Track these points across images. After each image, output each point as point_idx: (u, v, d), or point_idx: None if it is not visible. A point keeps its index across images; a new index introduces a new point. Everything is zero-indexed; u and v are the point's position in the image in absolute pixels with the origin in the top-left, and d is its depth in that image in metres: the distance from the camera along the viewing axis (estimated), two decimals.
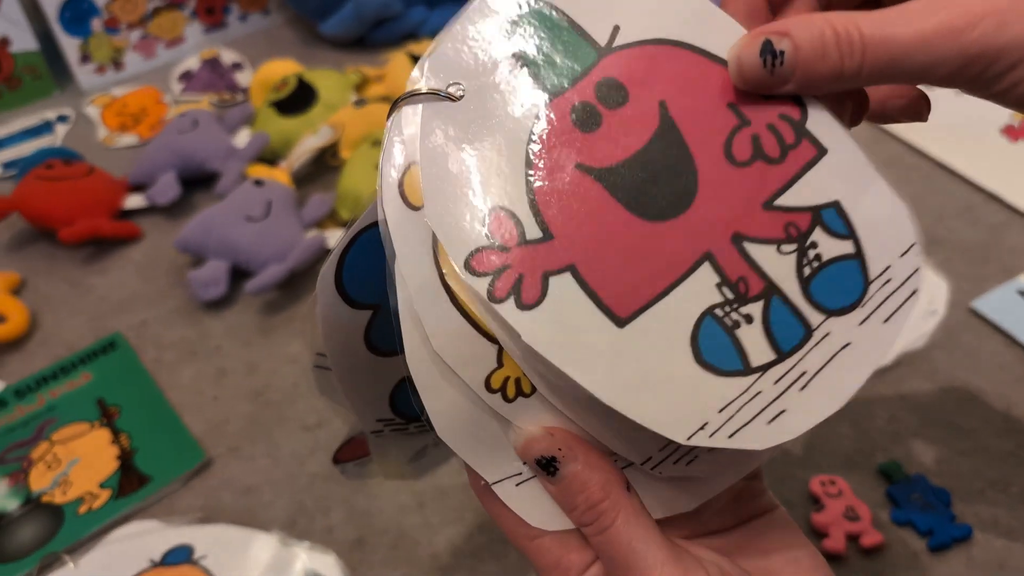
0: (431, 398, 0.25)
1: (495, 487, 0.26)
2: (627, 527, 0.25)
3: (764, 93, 0.26)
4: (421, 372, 0.25)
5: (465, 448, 0.26)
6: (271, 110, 0.72)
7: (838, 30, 0.24)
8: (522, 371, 0.25)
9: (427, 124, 0.25)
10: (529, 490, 0.26)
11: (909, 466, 0.48)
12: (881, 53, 0.24)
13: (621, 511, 0.25)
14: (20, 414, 0.54)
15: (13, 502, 0.49)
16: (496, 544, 0.46)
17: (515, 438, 0.25)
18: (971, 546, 0.44)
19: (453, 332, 0.25)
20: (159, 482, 0.50)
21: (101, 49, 0.83)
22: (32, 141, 0.78)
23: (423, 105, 0.26)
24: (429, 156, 0.25)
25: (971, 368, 0.53)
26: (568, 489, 0.25)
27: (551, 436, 0.25)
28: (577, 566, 0.26)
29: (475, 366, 0.25)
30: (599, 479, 0.25)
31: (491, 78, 0.26)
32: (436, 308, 0.25)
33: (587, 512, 0.25)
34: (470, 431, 0.26)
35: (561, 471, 0.25)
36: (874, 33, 0.24)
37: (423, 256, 0.25)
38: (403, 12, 0.85)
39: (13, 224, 0.68)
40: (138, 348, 0.58)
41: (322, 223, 0.65)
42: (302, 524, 0.48)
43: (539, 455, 0.25)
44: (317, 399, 0.54)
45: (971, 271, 0.59)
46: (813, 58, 0.24)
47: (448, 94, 0.26)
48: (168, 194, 0.67)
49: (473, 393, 0.25)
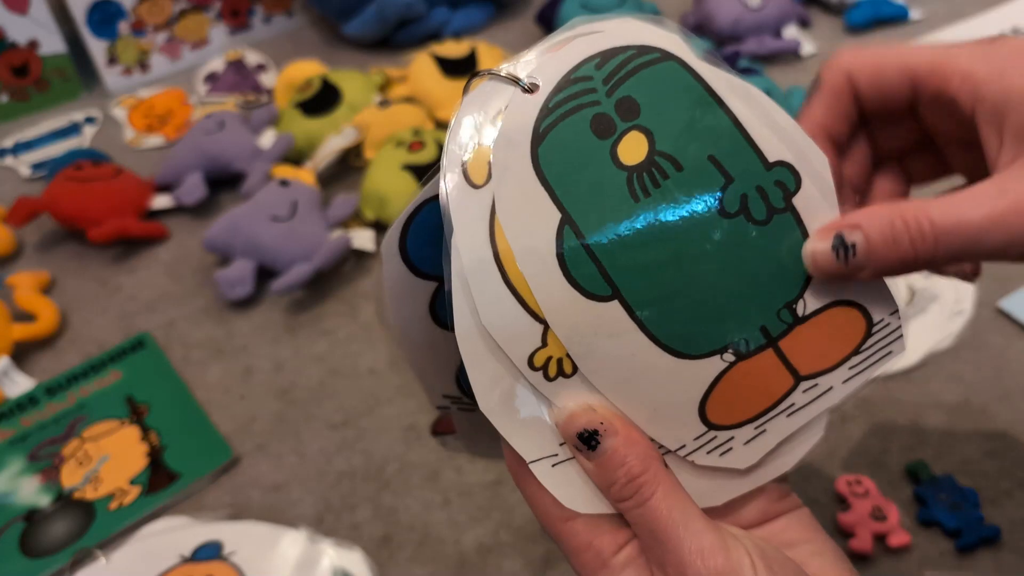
0: (476, 371, 0.26)
1: (532, 466, 0.27)
2: (667, 499, 0.25)
3: (840, 280, 0.27)
4: (469, 345, 0.26)
5: (506, 424, 0.26)
6: (296, 111, 0.73)
7: (907, 219, 0.26)
8: (565, 352, 0.26)
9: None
10: (564, 472, 0.27)
11: (936, 466, 0.48)
12: (953, 239, 0.25)
13: (661, 484, 0.26)
14: (51, 411, 0.55)
15: (45, 498, 0.50)
16: (522, 542, 0.46)
17: (557, 413, 0.26)
18: (999, 547, 0.44)
19: (502, 308, 0.25)
20: (188, 479, 0.50)
21: (128, 51, 0.84)
22: (60, 142, 0.79)
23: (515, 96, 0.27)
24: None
25: (998, 368, 0.53)
26: (608, 463, 0.26)
27: (593, 410, 0.26)
28: (609, 548, 0.26)
29: (520, 343, 0.26)
30: (638, 452, 0.26)
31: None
32: (487, 283, 0.25)
33: (627, 486, 0.26)
34: (511, 408, 0.26)
35: (602, 445, 0.26)
36: (944, 220, 0.25)
37: (479, 232, 0.26)
38: (426, 13, 0.86)
39: (43, 224, 0.69)
40: (166, 347, 0.59)
41: (347, 223, 0.65)
42: (329, 521, 0.48)
43: (581, 428, 0.26)
44: (343, 397, 0.54)
45: (998, 271, 0.58)
46: (885, 249, 0.26)
47: (527, 85, 0.27)
48: (195, 194, 0.68)
49: (516, 370, 0.26)
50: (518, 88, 0.27)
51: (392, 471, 0.50)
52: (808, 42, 0.82)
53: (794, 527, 0.28)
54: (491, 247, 0.26)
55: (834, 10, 0.87)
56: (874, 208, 0.26)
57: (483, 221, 0.26)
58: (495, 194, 0.26)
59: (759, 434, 0.28)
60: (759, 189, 0.27)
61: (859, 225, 0.26)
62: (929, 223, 0.25)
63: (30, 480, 0.51)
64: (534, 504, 0.28)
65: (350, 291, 0.62)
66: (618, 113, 0.27)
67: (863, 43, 0.82)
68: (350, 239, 0.62)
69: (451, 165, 0.26)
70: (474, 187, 0.26)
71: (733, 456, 0.27)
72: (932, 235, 0.25)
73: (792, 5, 0.83)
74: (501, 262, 0.25)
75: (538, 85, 0.27)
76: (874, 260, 0.26)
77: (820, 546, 0.28)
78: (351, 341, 0.58)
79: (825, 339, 0.27)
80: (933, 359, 0.53)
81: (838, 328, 0.28)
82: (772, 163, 0.27)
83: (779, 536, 0.28)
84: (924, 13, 0.85)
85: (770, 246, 0.26)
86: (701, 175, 0.26)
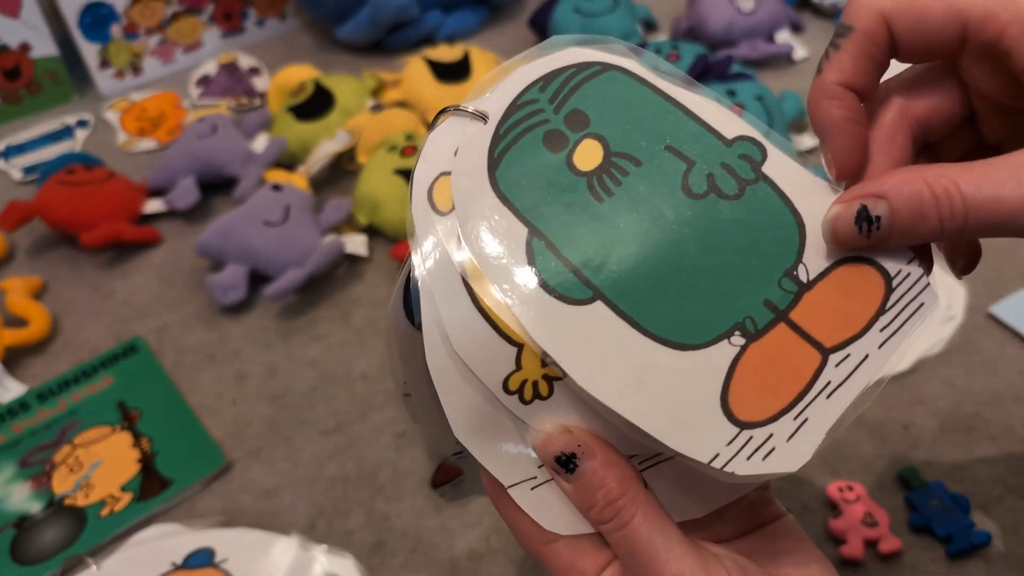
0: (450, 398, 0.26)
1: (510, 490, 0.26)
2: (646, 522, 0.25)
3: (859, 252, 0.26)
4: (440, 372, 0.26)
5: (482, 450, 0.26)
6: (289, 115, 0.73)
7: (937, 192, 0.23)
8: (541, 374, 0.25)
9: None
10: (543, 494, 0.27)
11: (927, 472, 0.48)
12: (986, 216, 0.23)
13: (640, 507, 0.25)
14: (43, 417, 0.55)
15: (36, 505, 0.50)
16: (513, 548, 0.46)
17: (533, 436, 0.26)
18: (990, 553, 0.44)
19: (473, 332, 0.25)
20: (180, 485, 0.50)
21: (120, 54, 0.84)
22: (52, 146, 0.79)
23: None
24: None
25: (989, 373, 0.53)
26: (587, 486, 0.26)
27: (570, 433, 0.26)
28: (591, 569, 0.26)
29: (494, 367, 0.25)
30: (617, 475, 0.26)
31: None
32: (457, 308, 0.25)
33: (606, 508, 0.26)
34: (487, 433, 0.26)
35: (580, 468, 0.25)
36: (978, 195, 0.23)
37: (445, 256, 0.26)
38: (419, 17, 0.85)
39: (35, 228, 0.69)
40: (158, 352, 0.59)
41: (340, 228, 0.65)
42: (321, 527, 0.48)
43: (558, 452, 0.25)
44: (336, 403, 0.54)
45: (989, 276, 0.59)
46: (912, 222, 0.24)
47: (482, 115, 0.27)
48: (187, 199, 0.67)
49: (491, 395, 0.26)
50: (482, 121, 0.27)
51: (385, 477, 0.50)
52: (800, 46, 0.82)
53: (779, 537, 0.28)
54: (459, 271, 0.26)
55: (826, 14, 0.87)
56: (902, 175, 0.24)
57: (451, 245, 0.26)
58: (459, 219, 0.26)
59: (802, 425, 0.25)
60: (724, 166, 0.27)
61: (885, 195, 0.24)
62: (961, 198, 0.23)
63: (21, 486, 0.51)
64: (515, 528, 0.27)
65: (343, 296, 0.62)
66: (568, 126, 0.27)
67: None
68: (343, 244, 0.62)
69: (417, 192, 0.27)
70: (440, 214, 0.26)
71: (779, 457, 0.25)
72: (963, 211, 0.23)
73: (785, 9, 0.83)
74: (471, 287, 0.25)
75: (487, 115, 0.27)
76: (898, 234, 0.24)
77: (804, 556, 0.27)
78: (344, 346, 0.58)
79: (842, 303, 0.26)
80: (924, 364, 0.54)
81: (853, 288, 0.26)
82: (732, 139, 0.27)
83: (763, 548, 0.28)
84: None
85: (751, 218, 0.26)
86: (661, 165, 0.26)
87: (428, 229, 0.26)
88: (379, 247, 0.65)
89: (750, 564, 0.26)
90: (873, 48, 0.26)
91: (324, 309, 0.61)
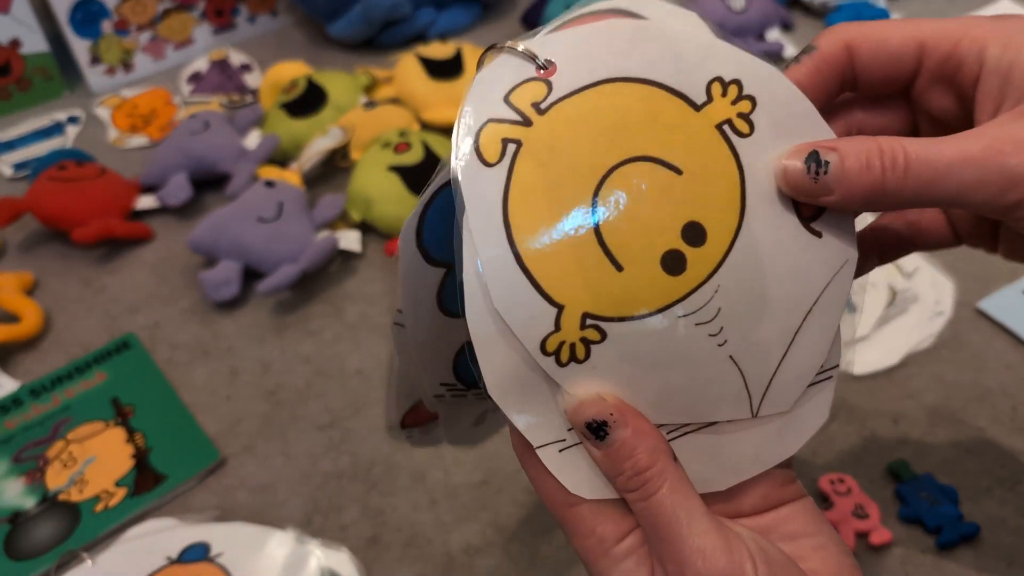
0: (486, 354, 0.26)
1: (539, 451, 0.26)
2: (672, 495, 0.25)
3: (807, 200, 0.27)
4: (479, 327, 0.25)
5: (513, 409, 0.26)
6: (281, 112, 0.73)
7: (883, 148, 0.26)
8: (579, 337, 0.26)
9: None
10: (571, 457, 0.27)
11: (917, 464, 0.48)
12: (924, 171, 0.25)
13: (667, 479, 0.25)
14: (36, 413, 0.54)
15: (30, 500, 0.50)
16: (509, 542, 0.46)
17: (566, 401, 0.26)
18: (979, 544, 0.45)
19: (515, 291, 0.25)
20: (174, 480, 0.50)
21: (111, 51, 0.84)
22: (43, 142, 0.78)
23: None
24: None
25: (978, 368, 0.53)
26: (616, 454, 0.26)
27: (604, 400, 0.26)
28: (613, 535, 0.27)
29: (532, 327, 0.25)
30: (647, 446, 0.26)
31: None
32: (501, 265, 0.25)
33: (633, 478, 0.26)
34: (520, 392, 0.26)
35: (611, 436, 0.26)
36: (919, 153, 0.25)
37: (494, 213, 0.25)
38: (411, 14, 0.86)
39: (26, 225, 0.68)
40: (151, 348, 0.59)
41: (333, 224, 0.65)
42: (316, 522, 0.48)
43: (591, 419, 0.26)
44: (330, 398, 0.54)
45: (977, 271, 0.59)
46: (857, 170, 0.26)
47: (543, 63, 0.26)
48: (180, 195, 0.67)
49: (527, 354, 0.25)
50: (533, 65, 0.26)
51: (379, 472, 0.50)
52: (791, 45, 0.83)
53: (798, 518, 0.28)
54: (504, 227, 0.25)
55: (816, 13, 0.88)
56: (854, 136, 0.27)
57: (497, 201, 0.25)
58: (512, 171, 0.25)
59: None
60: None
61: (836, 148, 0.26)
62: (903, 154, 0.25)
63: (15, 482, 0.51)
64: (539, 488, 0.28)
65: (336, 292, 0.62)
66: None
67: None
68: (336, 240, 0.62)
69: (463, 143, 0.26)
70: (487, 165, 0.26)
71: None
72: (903, 166, 0.25)
73: (775, 8, 0.84)
74: (515, 244, 0.25)
75: (554, 63, 0.27)
76: (844, 183, 0.26)
77: (823, 539, 0.28)
78: (337, 342, 0.58)
79: None
80: (914, 359, 0.54)
81: None
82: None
83: (782, 527, 0.28)
84: (905, 16, 0.86)
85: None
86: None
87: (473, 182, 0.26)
88: (372, 243, 0.66)
89: (771, 546, 0.27)
90: (829, 69, 0.29)
91: (317, 305, 0.61)
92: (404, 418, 0.36)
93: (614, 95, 0.27)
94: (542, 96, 0.26)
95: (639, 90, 0.27)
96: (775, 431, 0.28)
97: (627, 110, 0.27)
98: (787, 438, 0.28)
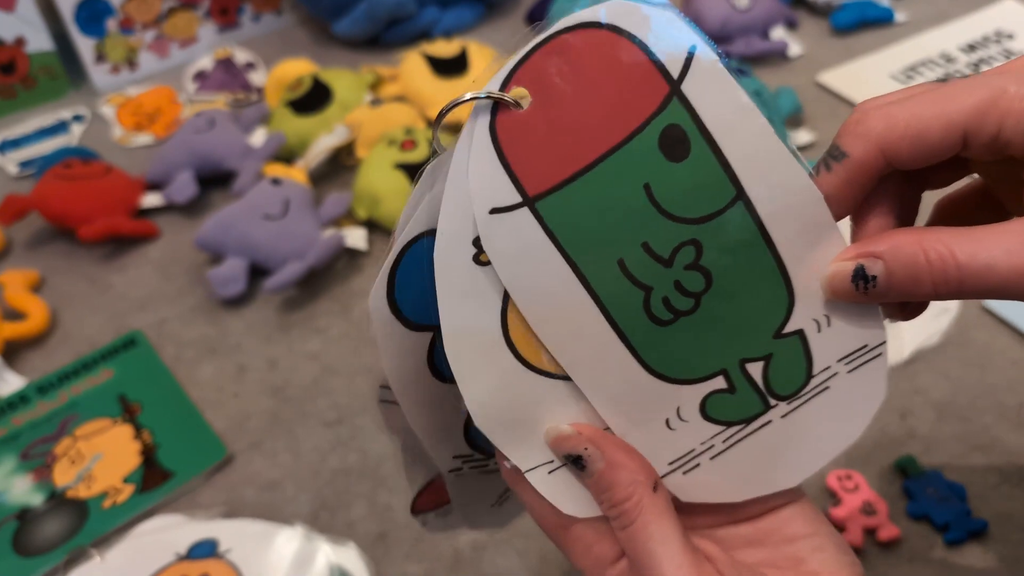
0: (468, 384, 0.25)
1: (528, 475, 0.26)
2: (645, 529, 0.25)
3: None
4: (459, 356, 0.25)
5: (499, 435, 0.26)
6: (287, 109, 0.73)
7: (931, 258, 0.24)
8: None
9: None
10: (561, 478, 0.27)
11: (925, 461, 0.48)
12: (979, 283, 0.24)
13: (642, 512, 0.25)
14: (43, 410, 0.54)
15: (38, 497, 0.50)
16: (517, 539, 0.46)
17: (545, 433, 0.26)
18: (987, 540, 0.45)
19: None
20: (182, 477, 0.50)
21: (116, 49, 0.84)
22: (48, 140, 0.78)
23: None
24: None
25: (984, 364, 0.54)
26: (595, 485, 0.26)
27: (578, 434, 0.26)
28: (609, 555, 0.27)
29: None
30: (623, 479, 0.26)
31: None
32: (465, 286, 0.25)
33: (610, 509, 0.26)
34: (505, 418, 0.26)
35: (587, 468, 0.26)
36: (972, 263, 0.24)
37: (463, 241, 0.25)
38: (416, 12, 0.86)
39: (32, 223, 0.69)
40: (158, 345, 0.59)
41: (339, 222, 0.65)
42: (324, 519, 0.48)
43: (566, 452, 0.26)
44: (337, 395, 0.54)
45: None
46: (907, 285, 0.25)
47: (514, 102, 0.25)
48: (185, 193, 0.67)
49: (510, 379, 0.25)
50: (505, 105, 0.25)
51: (387, 469, 0.50)
52: (795, 43, 0.83)
53: (796, 520, 0.28)
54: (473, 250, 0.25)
55: (820, 11, 0.88)
56: (898, 237, 0.25)
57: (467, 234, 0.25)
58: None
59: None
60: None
61: (882, 256, 0.25)
62: (955, 265, 0.24)
63: (22, 479, 0.51)
64: (533, 511, 0.28)
65: (343, 289, 0.62)
66: None
67: (849, 44, 0.83)
68: (343, 237, 0.63)
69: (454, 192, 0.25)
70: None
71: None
72: (957, 278, 0.24)
73: (779, 6, 0.84)
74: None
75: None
76: (893, 294, 0.25)
77: (822, 540, 0.28)
78: (344, 339, 0.58)
79: None
80: (921, 356, 0.54)
81: None
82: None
83: (781, 530, 0.28)
84: (909, 15, 0.86)
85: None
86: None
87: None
88: (379, 241, 0.66)
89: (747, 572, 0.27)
90: (865, 177, 0.26)
91: (324, 302, 0.61)
92: (416, 501, 0.34)
93: None
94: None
95: None
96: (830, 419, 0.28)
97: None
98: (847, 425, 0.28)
